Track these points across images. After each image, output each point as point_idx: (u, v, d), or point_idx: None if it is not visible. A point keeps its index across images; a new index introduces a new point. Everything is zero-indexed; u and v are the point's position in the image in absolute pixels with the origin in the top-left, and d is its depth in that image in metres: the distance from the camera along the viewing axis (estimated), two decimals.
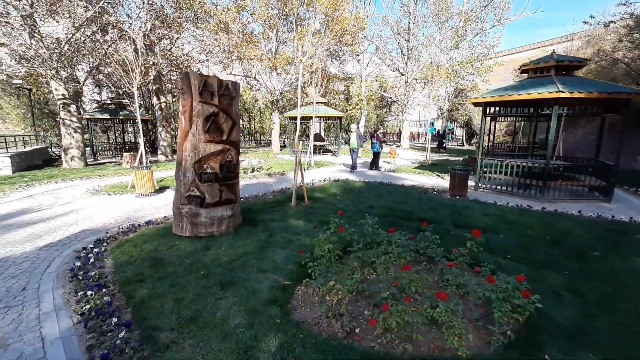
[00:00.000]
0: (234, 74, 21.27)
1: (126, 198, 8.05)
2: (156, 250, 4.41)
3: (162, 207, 7.15)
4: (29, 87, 16.92)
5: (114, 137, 22.60)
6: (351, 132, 12.90)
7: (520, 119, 16.22)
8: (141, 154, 9.22)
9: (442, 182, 10.26)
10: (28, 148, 15.39)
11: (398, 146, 24.20)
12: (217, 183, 4.82)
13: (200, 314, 2.94)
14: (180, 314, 2.94)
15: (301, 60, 6.70)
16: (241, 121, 27.04)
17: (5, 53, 13.51)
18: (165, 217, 6.19)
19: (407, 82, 23.60)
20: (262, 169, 12.44)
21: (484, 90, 24.99)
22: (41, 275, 3.81)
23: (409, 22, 23.51)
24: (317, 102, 15.03)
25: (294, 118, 20.67)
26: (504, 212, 6.53)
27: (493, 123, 16.81)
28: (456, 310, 2.53)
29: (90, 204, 7.42)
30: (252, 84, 22.31)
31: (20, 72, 15.12)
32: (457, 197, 7.93)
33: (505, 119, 18.76)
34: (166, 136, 17.19)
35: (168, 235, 4.94)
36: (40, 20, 12.16)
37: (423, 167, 13.85)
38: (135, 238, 4.97)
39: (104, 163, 15.58)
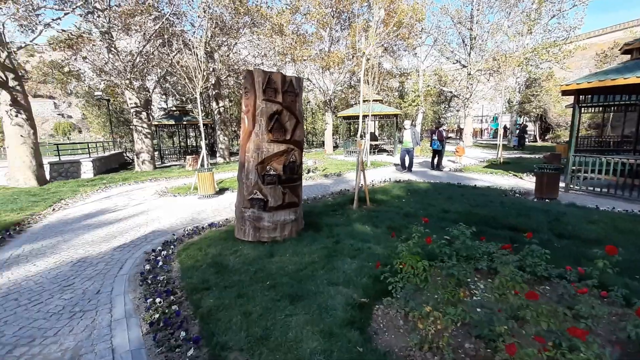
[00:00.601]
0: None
1: (189, 199, 8.27)
2: (220, 254, 4.25)
3: (222, 209, 7.16)
4: (107, 97, 18.73)
5: (178, 141, 24.21)
6: (404, 129, 11.78)
7: (609, 109, 14.00)
8: (203, 156, 9.47)
9: (522, 182, 9.06)
10: (107, 153, 16.99)
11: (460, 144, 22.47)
12: (280, 185, 4.56)
13: (270, 332, 2.62)
14: (249, 331, 2.65)
15: (364, 53, 6.21)
16: None
17: (88, 68, 15.03)
18: (226, 219, 6.13)
19: (469, 74, 21.85)
20: (317, 170, 12.19)
21: (562, 79, 22.21)
22: (114, 277, 3.83)
23: (472, 10, 21.76)
24: (372, 100, 14.45)
25: (348, 117, 20.27)
26: (613, 219, 5.39)
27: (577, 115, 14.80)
28: (602, 355, 1.88)
29: (158, 205, 7.72)
30: (305, 84, 22.36)
31: (100, 84, 16.79)
32: (547, 200, 6.83)
33: (588, 111, 16.36)
34: (224, 139, 17.85)
35: (231, 239, 4.80)
36: (116, 35, 13.26)
37: (494, 166, 12.51)
38: (199, 241, 4.91)
39: (169, 166, 16.61)
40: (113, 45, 13.08)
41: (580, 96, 8.05)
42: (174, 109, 19.92)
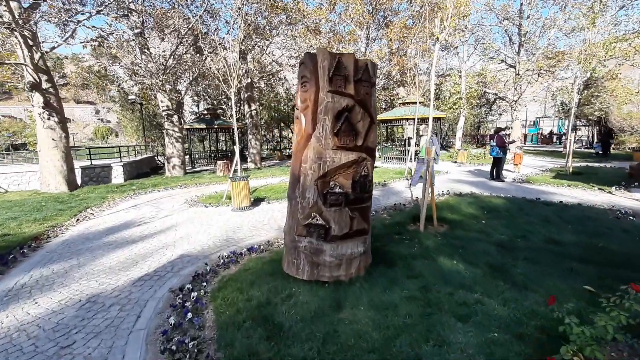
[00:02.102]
0: None
1: (222, 211, 7.31)
2: (268, 302, 3.14)
3: (261, 225, 6.12)
4: (140, 101, 18.51)
5: (208, 146, 23.79)
6: (420, 135, 9.66)
7: None
8: (236, 162, 8.54)
9: (616, 199, 7.38)
10: (138, 157, 16.62)
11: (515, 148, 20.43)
12: (347, 207, 3.39)
13: None
14: None
15: (437, 39, 4.99)
16: None
17: (122, 72, 14.72)
18: (267, 241, 5.06)
19: (517, 74, 19.86)
20: None
21: (630, 80, 19.70)
22: (128, 334, 2.80)
23: (521, 4, 19.83)
24: (413, 103, 13.10)
25: (384, 121, 18.93)
26: None
27: None
28: None
29: (187, 217, 6.81)
30: None
31: (134, 87, 16.51)
32: None
33: None
34: (256, 143, 17.04)
35: (279, 275, 3.68)
36: (148, 33, 12.78)
37: (563, 176, 10.74)
38: (238, 275, 3.83)
39: (200, 171, 15.96)
40: (146, 47, 12.60)
41: None
42: (205, 112, 19.45)
